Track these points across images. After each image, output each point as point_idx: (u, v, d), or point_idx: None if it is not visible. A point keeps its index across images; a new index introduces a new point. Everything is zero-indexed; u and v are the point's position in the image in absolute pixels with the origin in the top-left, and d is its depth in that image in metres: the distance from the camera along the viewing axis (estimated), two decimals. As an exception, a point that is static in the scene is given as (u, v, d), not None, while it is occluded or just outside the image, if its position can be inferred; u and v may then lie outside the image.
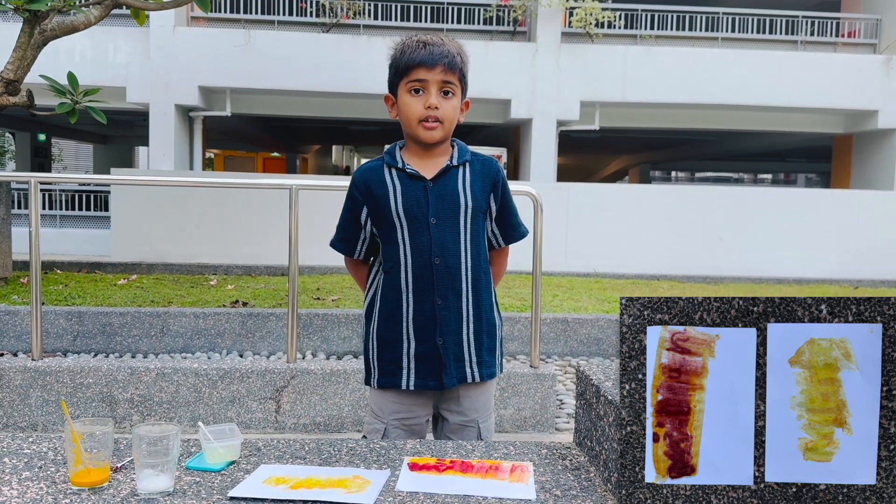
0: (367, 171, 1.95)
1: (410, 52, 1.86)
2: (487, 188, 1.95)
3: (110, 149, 21.22)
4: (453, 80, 1.87)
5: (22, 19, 5.00)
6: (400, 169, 1.91)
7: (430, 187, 1.88)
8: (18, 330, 4.93)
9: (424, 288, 1.87)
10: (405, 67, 1.87)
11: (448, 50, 1.86)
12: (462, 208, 1.89)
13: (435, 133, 1.87)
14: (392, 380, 1.92)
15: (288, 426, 3.81)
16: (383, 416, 1.94)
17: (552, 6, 11.14)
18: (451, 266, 1.88)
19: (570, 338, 5.35)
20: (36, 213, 3.75)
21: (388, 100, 1.97)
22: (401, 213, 1.87)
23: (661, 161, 24.06)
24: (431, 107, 1.85)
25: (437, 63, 1.84)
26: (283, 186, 4.18)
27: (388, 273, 1.92)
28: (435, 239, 1.86)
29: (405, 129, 1.92)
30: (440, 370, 1.89)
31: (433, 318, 1.88)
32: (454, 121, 1.91)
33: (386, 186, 1.90)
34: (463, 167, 1.93)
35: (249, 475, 1.47)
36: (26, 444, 1.63)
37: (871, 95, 11.85)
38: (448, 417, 1.97)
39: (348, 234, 1.99)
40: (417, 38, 1.89)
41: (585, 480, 1.49)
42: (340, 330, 5.11)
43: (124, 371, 3.74)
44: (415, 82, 1.86)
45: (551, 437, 3.82)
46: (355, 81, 11.22)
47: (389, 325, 1.91)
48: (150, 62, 11.05)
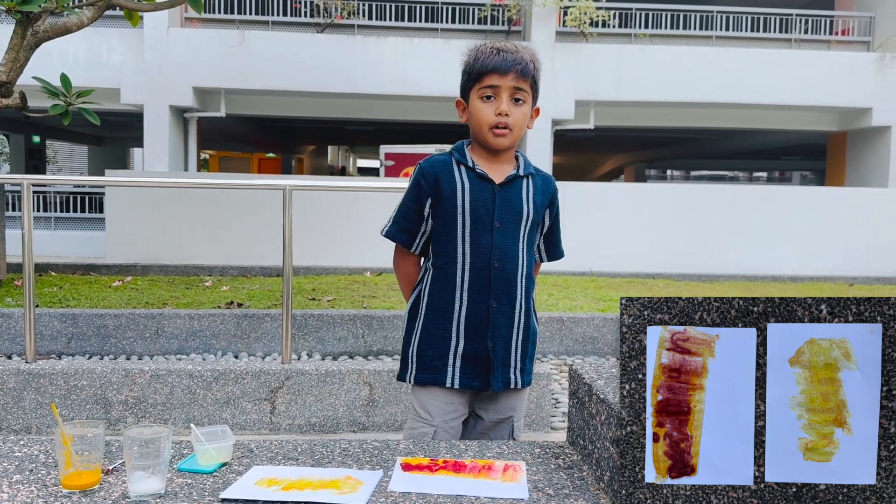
0: (437, 164, 1.94)
1: (484, 58, 1.87)
2: (546, 204, 1.99)
3: (105, 150, 21.17)
4: (525, 87, 1.88)
5: (14, 21, 4.98)
6: (469, 168, 1.91)
7: (497, 191, 1.90)
8: (12, 332, 4.91)
9: (480, 289, 1.88)
10: (478, 73, 1.88)
11: (521, 57, 1.87)
12: (524, 217, 1.92)
13: (504, 140, 1.89)
14: (434, 376, 1.90)
15: (283, 427, 3.80)
16: (433, 419, 1.91)
17: (546, 5, 11.15)
18: (510, 271, 1.89)
19: (565, 336, 5.35)
20: (29, 215, 3.74)
21: (459, 104, 1.98)
22: (466, 212, 1.88)
23: (656, 160, 24.10)
24: (502, 113, 1.86)
25: (509, 70, 1.85)
26: (276, 187, 4.17)
27: (439, 269, 1.91)
28: (496, 242, 1.88)
29: (475, 133, 1.94)
30: (487, 372, 1.89)
31: (486, 320, 1.89)
32: (523, 128, 1.92)
33: (454, 182, 1.90)
34: (527, 179, 1.95)
35: (241, 476, 1.47)
36: (17, 447, 1.62)
37: (865, 93, 11.88)
38: (483, 415, 1.97)
39: (410, 225, 1.95)
40: (491, 44, 1.90)
41: (578, 479, 1.49)
42: (335, 331, 5.11)
43: (119, 373, 3.72)
44: (487, 88, 1.87)
45: (546, 436, 3.82)
46: (350, 81, 11.21)
47: (439, 321, 1.90)
48: (143, 63, 11.03)
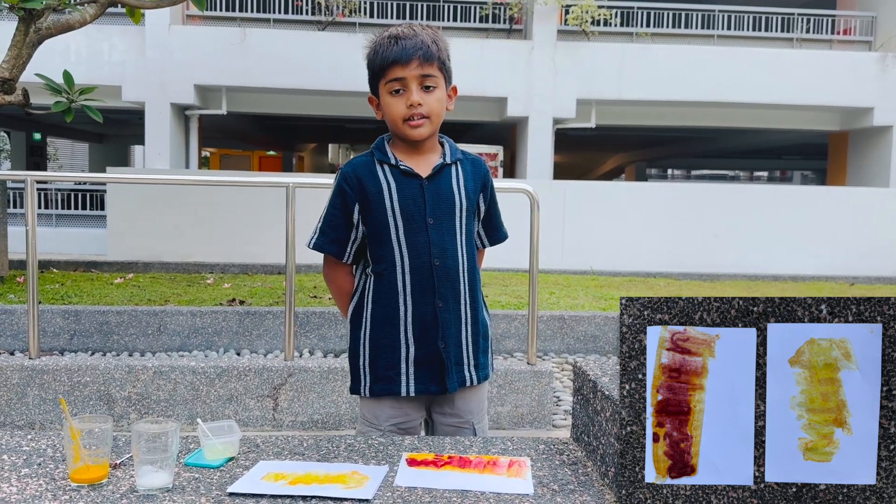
0: (359, 166, 1.84)
1: (383, 50, 1.77)
2: (478, 188, 1.90)
3: (106, 147, 21.18)
4: (432, 71, 1.78)
5: (17, 18, 4.99)
6: (393, 165, 1.82)
7: (425, 186, 1.81)
8: (15, 329, 4.92)
9: (424, 290, 1.80)
10: (380, 67, 1.78)
11: (421, 41, 1.76)
12: (457, 208, 1.83)
13: (423, 130, 1.79)
14: (389, 387, 1.82)
15: (285, 424, 3.81)
16: (379, 424, 1.86)
17: (548, 4, 11.14)
18: (451, 267, 1.81)
19: (566, 335, 5.36)
20: (32, 211, 3.75)
21: (371, 101, 1.88)
22: (397, 212, 1.79)
23: (657, 159, 24.10)
24: (414, 104, 1.76)
25: (411, 58, 1.74)
26: (280, 185, 4.18)
27: (379, 275, 1.82)
28: (433, 239, 1.79)
29: (392, 129, 1.84)
30: (442, 374, 1.82)
31: (434, 321, 1.80)
32: (441, 114, 1.82)
33: (379, 183, 1.80)
34: (455, 165, 1.86)
35: (248, 471, 1.47)
36: (24, 442, 1.63)
37: (866, 92, 11.88)
38: (441, 420, 1.91)
39: (338, 234, 1.84)
40: (388, 33, 1.79)
41: (583, 475, 1.50)
42: (337, 328, 5.12)
43: (122, 369, 3.73)
44: (393, 82, 1.77)
45: (548, 433, 3.83)
46: (351, 79, 11.19)
47: (385, 329, 1.82)
48: (145, 60, 11.03)
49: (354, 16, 11.77)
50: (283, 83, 11.26)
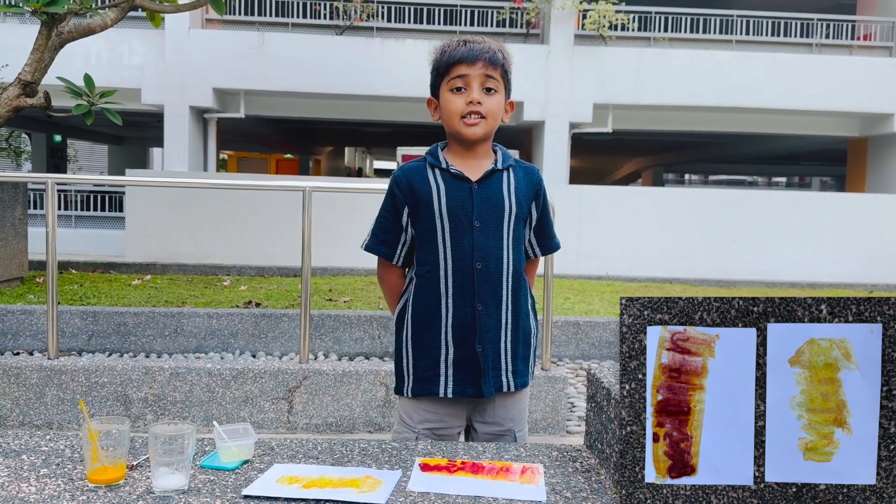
0: (410, 170, 1.89)
1: (451, 50, 1.82)
2: (531, 196, 1.90)
3: (125, 150, 21.38)
4: (495, 75, 1.82)
5: (39, 21, 5.05)
6: (444, 169, 1.85)
7: (475, 189, 1.83)
8: (34, 329, 4.98)
9: (465, 293, 1.82)
10: (446, 65, 1.82)
11: (489, 46, 1.82)
12: (506, 213, 1.84)
13: (477, 129, 1.81)
14: (428, 387, 1.85)
15: (300, 426, 3.83)
16: (414, 425, 1.88)
17: (565, 8, 11.14)
18: (493, 271, 1.82)
19: (581, 340, 5.35)
20: (53, 214, 3.79)
21: (430, 103, 1.92)
22: (444, 214, 1.81)
23: (674, 164, 23.96)
24: (473, 101, 1.80)
25: (477, 58, 1.80)
26: (297, 188, 4.20)
27: (423, 277, 1.86)
28: (478, 243, 1.81)
29: (447, 127, 1.86)
30: (479, 378, 1.83)
31: (473, 324, 1.82)
32: (497, 118, 1.84)
33: (429, 185, 1.84)
34: (507, 172, 1.88)
35: (263, 474, 1.49)
36: (44, 442, 1.65)
37: (886, 98, 11.77)
38: (481, 429, 1.91)
39: (388, 236, 1.89)
40: (458, 38, 1.85)
41: (596, 483, 1.49)
42: (352, 331, 5.13)
43: (139, 370, 3.77)
44: (456, 79, 1.81)
45: (562, 439, 3.82)
46: (368, 84, 11.26)
47: (426, 330, 1.85)
48: (164, 64, 11.14)
49: (372, 20, 11.82)
50: (301, 87, 11.34)
